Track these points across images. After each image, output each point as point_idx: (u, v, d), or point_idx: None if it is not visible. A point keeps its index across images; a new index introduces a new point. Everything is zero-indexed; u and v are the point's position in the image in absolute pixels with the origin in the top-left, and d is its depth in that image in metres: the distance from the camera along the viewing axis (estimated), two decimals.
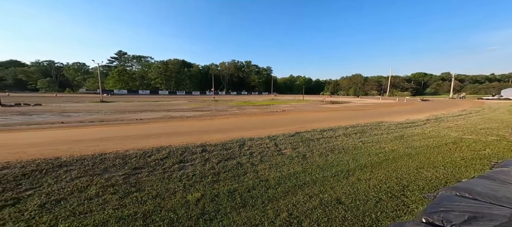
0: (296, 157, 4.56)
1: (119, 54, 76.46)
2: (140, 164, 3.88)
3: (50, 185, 2.80)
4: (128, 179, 3.22)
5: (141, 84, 72.91)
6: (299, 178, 3.50)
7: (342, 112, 16.84)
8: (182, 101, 30.79)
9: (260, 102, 30.36)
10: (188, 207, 2.58)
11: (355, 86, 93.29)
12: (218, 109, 18.62)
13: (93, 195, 2.63)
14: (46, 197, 2.48)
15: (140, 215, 2.33)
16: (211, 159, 4.34)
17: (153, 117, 12.02)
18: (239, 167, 3.92)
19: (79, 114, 12.55)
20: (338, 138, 6.47)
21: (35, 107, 16.21)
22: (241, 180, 3.38)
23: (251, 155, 4.63)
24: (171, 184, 3.19)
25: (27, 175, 3.09)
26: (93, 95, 44.89)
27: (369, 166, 4.08)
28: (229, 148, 5.10)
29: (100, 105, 20.56)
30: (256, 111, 16.82)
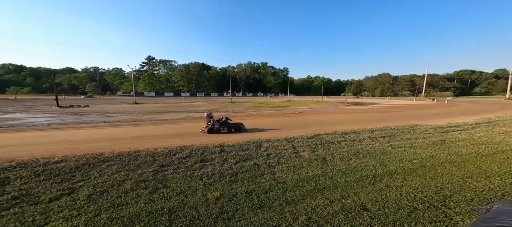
0: (315, 160, 4.44)
1: (149, 59, 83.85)
2: (167, 162, 4.20)
3: (96, 178, 3.23)
4: (156, 176, 3.51)
5: (166, 86, 78.55)
6: (318, 181, 3.40)
7: (367, 114, 15.64)
8: (201, 103, 32.34)
9: (277, 104, 30.01)
10: (208, 205, 2.70)
11: (382, 86, 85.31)
12: (235, 110, 18.98)
13: (129, 189, 2.94)
14: (93, 189, 2.87)
15: (166, 211, 2.53)
16: (229, 159, 4.45)
17: (176, 117, 12.90)
18: (256, 168, 3.96)
19: (117, 115, 14.20)
20: (363, 141, 6.08)
21: (84, 108, 18.86)
22: (258, 181, 3.41)
23: (268, 157, 4.63)
24: (192, 182, 3.38)
25: (79, 168, 3.60)
26: (128, 97, 50.17)
27: (400, 172, 3.77)
28: (246, 149, 5.18)
29: (133, 106, 22.89)
30: (273, 113, 16.71)
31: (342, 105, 26.86)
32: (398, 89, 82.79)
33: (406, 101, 37.15)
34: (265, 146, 5.48)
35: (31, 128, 8.36)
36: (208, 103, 30.41)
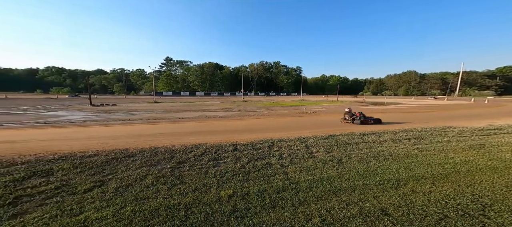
0: (330, 161, 4.31)
1: (167, 60, 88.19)
2: (183, 159, 4.38)
3: (122, 172, 3.51)
4: (174, 172, 3.68)
5: (182, 86, 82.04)
6: (333, 183, 3.30)
7: (389, 114, 14.71)
8: (215, 102, 33.13)
9: (289, 103, 29.52)
10: (221, 203, 2.76)
11: (406, 85, 78.36)
12: (247, 109, 19.10)
13: (150, 184, 3.14)
14: (120, 182, 3.12)
15: (183, 206, 2.64)
16: (242, 158, 4.50)
17: (192, 116, 13.41)
18: (269, 168, 3.95)
19: (140, 113, 15.27)
20: (384, 143, 5.74)
21: (112, 107, 20.61)
22: (271, 181, 3.39)
23: (280, 157, 4.59)
24: (207, 179, 3.48)
25: (108, 162, 3.94)
26: (149, 96, 53.55)
27: (429, 177, 3.51)
28: (258, 148, 5.18)
29: (154, 105, 24.36)
30: (285, 112, 16.47)
31: (359, 105, 25.40)
32: (426, 87, 75.32)
33: (436, 101, 34.04)
34: (277, 145, 5.43)
35: (70, 125, 9.39)
36: (222, 102, 31.09)
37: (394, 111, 16.61)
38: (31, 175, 3.18)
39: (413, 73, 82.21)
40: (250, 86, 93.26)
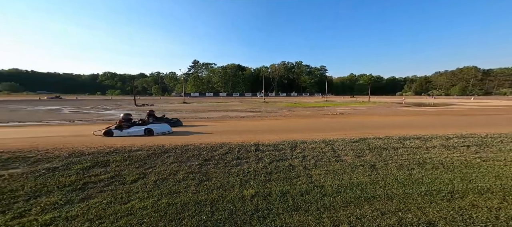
0: (361, 166, 4.02)
1: (194, 62, 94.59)
2: (209, 157, 4.63)
3: (159, 166, 3.91)
4: (201, 169, 3.92)
5: (207, 87, 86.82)
6: (365, 189, 3.07)
7: (437, 117, 12.74)
8: (236, 102, 34.03)
9: (312, 104, 28.28)
10: (244, 201, 2.82)
11: (463, 83, 65.96)
12: (268, 110, 19.02)
13: (181, 179, 3.42)
14: (157, 176, 3.49)
15: (209, 202, 2.78)
16: (264, 158, 4.51)
17: (216, 116, 14.09)
18: (291, 169, 3.87)
19: (171, 113, 16.89)
20: (432, 149, 5.08)
21: (150, 107, 23.39)
22: (293, 183, 3.32)
23: (303, 159, 4.46)
24: (230, 178, 3.59)
25: (149, 157, 4.43)
26: (179, 97, 58.51)
27: (497, 191, 3.00)
28: (280, 150, 5.11)
29: (183, 105, 26.55)
30: (308, 113, 15.83)
31: (397, 106, 22.67)
32: (493, 86, 61.87)
33: (506, 102, 28.03)
34: (300, 147, 5.28)
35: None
36: (243, 103, 31.78)
37: (444, 113, 14.13)
38: (94, 165, 3.82)
39: (473, 69, 68.82)
40: (271, 87, 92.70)
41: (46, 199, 2.59)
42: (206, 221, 2.37)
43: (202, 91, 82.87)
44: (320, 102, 34.35)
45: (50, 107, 19.85)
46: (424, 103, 28.13)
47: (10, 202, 2.47)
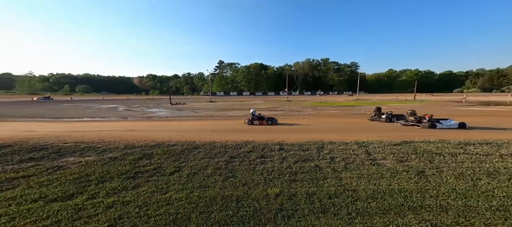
0: (404, 171, 3.62)
1: (220, 63, 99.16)
2: (234, 154, 4.79)
3: (191, 161, 4.27)
4: (227, 165, 4.09)
5: (231, 86, 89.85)
6: (409, 197, 2.76)
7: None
8: (259, 101, 34.18)
9: (341, 103, 26.18)
10: (268, 200, 2.83)
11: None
12: (291, 109, 18.55)
13: (210, 174, 3.66)
14: (190, 170, 3.82)
15: (234, 198, 2.89)
16: (288, 158, 4.43)
17: (239, 115, 14.51)
18: (318, 171, 3.74)
19: (200, 111, 18.20)
20: (508, 158, 4.24)
21: (182, 105, 25.65)
22: (320, 185, 3.20)
23: (332, 160, 4.24)
24: (255, 176, 3.64)
25: (183, 152, 4.88)
26: (206, 96, 62.50)
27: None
28: (306, 150, 4.96)
29: (210, 104, 28.30)
30: (336, 113, 14.75)
31: (455, 105, 19.18)
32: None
33: None
34: (328, 148, 5.02)
35: (159, 119, 12.46)
36: (266, 102, 31.74)
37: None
38: (142, 157, 4.44)
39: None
40: (294, 85, 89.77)
41: (109, 184, 3.13)
42: (232, 216, 2.48)
43: (227, 90, 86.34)
44: (350, 100, 31.57)
45: (110, 105, 24.02)
46: (498, 102, 22.35)
47: (86, 185, 3.10)
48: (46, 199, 2.63)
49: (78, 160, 4.16)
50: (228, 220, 2.41)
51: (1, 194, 2.72)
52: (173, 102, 29.51)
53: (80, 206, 2.52)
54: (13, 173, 3.37)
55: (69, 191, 2.86)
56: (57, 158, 4.25)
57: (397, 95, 51.53)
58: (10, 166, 3.73)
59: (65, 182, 3.12)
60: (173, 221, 2.31)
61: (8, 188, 2.89)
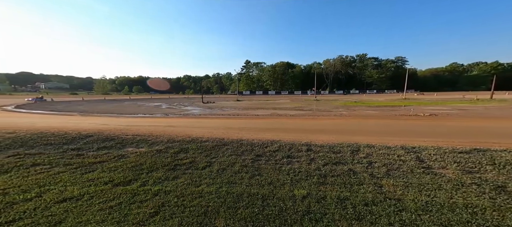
0: (474, 184, 3.01)
1: (246, 62, 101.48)
2: (260, 152, 4.82)
3: (220, 157, 4.54)
4: (253, 163, 4.15)
5: (257, 86, 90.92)
6: (481, 215, 2.29)
7: None
8: (285, 100, 33.34)
9: (381, 102, 23.01)
10: (294, 201, 2.75)
11: None
12: (320, 109, 17.45)
13: (237, 171, 3.80)
14: (219, 165, 4.06)
15: (260, 196, 2.91)
16: (317, 159, 4.22)
17: (265, 113, 14.51)
18: (352, 175, 3.45)
19: (228, 109, 19.15)
20: None
21: (212, 104, 27.62)
22: (355, 190, 2.94)
23: (369, 165, 3.83)
24: (280, 175, 3.59)
25: (213, 148, 5.21)
26: (233, 95, 65.29)
27: None
28: (338, 152, 4.63)
29: (236, 103, 29.43)
30: (375, 113, 13.03)
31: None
32: None
33: None
34: (365, 151, 4.54)
35: (193, 116, 13.74)
36: (292, 101, 30.76)
37: None
38: (180, 151, 4.98)
39: None
40: (324, 84, 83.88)
41: (155, 174, 3.62)
42: (258, 214, 2.50)
43: (253, 89, 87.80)
44: (395, 100, 27.37)
45: (156, 103, 28.06)
46: None
47: (139, 173, 3.67)
48: (113, 183, 3.22)
49: (135, 150, 5.00)
50: (253, 217, 2.44)
51: (85, 175, 3.51)
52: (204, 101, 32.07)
53: (135, 191, 2.97)
54: (93, 159, 4.33)
55: (128, 177, 3.43)
56: (121, 148, 5.22)
57: (464, 93, 41.90)
58: (91, 152, 4.82)
59: (125, 169, 3.77)
60: (204, 214, 2.49)
61: (89, 171, 3.70)
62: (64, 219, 2.32)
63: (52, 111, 15.97)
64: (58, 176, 3.42)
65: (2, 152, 4.68)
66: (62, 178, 3.34)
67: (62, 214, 2.46)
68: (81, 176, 3.45)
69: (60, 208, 2.54)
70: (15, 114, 14.28)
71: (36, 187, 3.03)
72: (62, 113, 15.35)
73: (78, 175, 3.52)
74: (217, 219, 2.40)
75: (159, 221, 2.31)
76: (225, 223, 2.35)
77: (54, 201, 2.70)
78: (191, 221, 2.32)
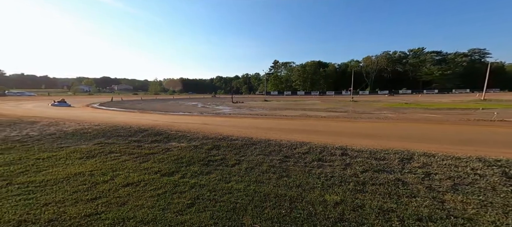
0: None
1: (275, 63, 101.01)
2: (289, 154, 4.70)
3: (249, 156, 4.66)
4: (281, 164, 4.08)
5: (286, 86, 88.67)
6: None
7: None
8: (316, 101, 31.22)
9: (446, 104, 18.83)
10: (325, 206, 2.59)
11: None
12: (358, 111, 15.60)
13: (264, 171, 3.81)
14: (248, 164, 4.18)
15: (288, 198, 2.83)
16: (354, 165, 3.86)
17: (293, 114, 13.98)
18: (400, 185, 3.02)
19: (256, 109, 19.48)
20: None
21: (241, 104, 28.71)
22: (403, 202, 2.58)
23: (427, 176, 3.29)
24: (310, 178, 3.42)
25: (242, 146, 5.39)
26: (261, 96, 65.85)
27: None
28: (381, 159, 4.12)
29: (264, 103, 29.59)
30: (435, 117, 10.74)
31: None
32: None
33: None
34: (420, 161, 3.90)
35: (224, 115, 14.65)
36: (323, 102, 28.56)
37: None
38: (213, 147, 5.39)
39: None
40: (363, 83, 74.30)
41: (192, 168, 4.02)
42: (285, 215, 2.45)
43: (281, 89, 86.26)
44: (467, 101, 21.85)
45: (193, 103, 31.38)
46: None
47: (180, 166, 4.15)
48: (161, 173, 3.75)
49: (177, 145, 5.75)
50: (280, 218, 2.40)
51: (142, 164, 4.24)
52: (233, 101, 33.73)
53: (177, 182, 3.37)
54: (147, 150, 5.24)
55: (171, 169, 3.95)
56: (166, 142, 6.11)
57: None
58: (146, 144, 5.83)
59: (169, 161, 4.37)
60: (233, 209, 2.60)
61: (145, 161, 4.47)
62: (127, 201, 2.81)
63: (122, 109, 20.25)
64: (124, 163, 4.27)
65: (91, 141, 6.20)
66: (127, 165, 4.16)
67: (126, 196, 2.84)
68: (139, 165, 4.19)
69: (125, 191, 3.09)
70: (98, 111, 18.64)
71: (111, 171, 3.84)
72: (128, 110, 19.14)
73: (137, 163, 4.29)
74: (244, 216, 2.47)
75: (194, 212, 2.55)
76: (252, 221, 2.39)
77: (121, 184, 3.29)
78: (221, 216, 2.47)
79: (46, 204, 2.69)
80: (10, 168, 3.85)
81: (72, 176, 3.58)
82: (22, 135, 6.68)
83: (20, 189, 3.07)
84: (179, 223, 2.33)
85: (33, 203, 2.71)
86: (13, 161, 4.25)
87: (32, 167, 3.92)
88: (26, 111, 15.55)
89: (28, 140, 6.06)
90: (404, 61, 72.83)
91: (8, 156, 4.59)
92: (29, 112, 15.04)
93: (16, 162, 4.19)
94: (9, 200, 2.76)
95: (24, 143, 5.74)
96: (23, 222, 2.30)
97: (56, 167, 3.99)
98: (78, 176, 3.58)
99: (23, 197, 2.85)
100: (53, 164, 4.12)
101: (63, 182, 3.33)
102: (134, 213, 2.52)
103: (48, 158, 4.49)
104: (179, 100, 40.70)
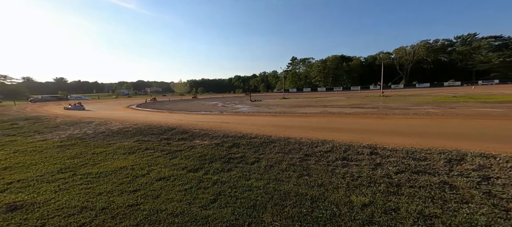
0: None
1: (292, 59, 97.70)
2: (309, 152, 4.53)
3: (268, 154, 4.65)
4: (301, 163, 3.96)
5: (305, 82, 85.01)
6: None
7: None
8: (339, 97, 29.09)
9: (508, 97, 15.72)
10: (351, 207, 2.44)
11: None
12: (389, 106, 14.00)
13: (284, 169, 3.76)
14: (267, 162, 4.18)
15: (309, 197, 2.74)
16: (385, 165, 3.53)
17: (313, 111, 13.36)
18: (447, 189, 2.68)
19: (274, 107, 19.25)
20: None
21: (259, 102, 28.84)
22: (450, 208, 2.30)
23: (485, 180, 2.85)
24: (334, 178, 3.25)
25: (261, 144, 5.40)
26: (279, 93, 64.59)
27: None
28: (420, 159, 3.68)
29: (282, 100, 29.01)
30: (494, 112, 9.18)
31: None
32: None
33: None
34: (476, 162, 3.38)
35: (243, 114, 14.94)
36: (347, 98, 26.42)
37: None
38: (233, 145, 5.55)
39: None
40: (397, 76, 66.10)
41: (214, 165, 4.22)
42: (306, 215, 2.38)
43: (299, 86, 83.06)
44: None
45: (214, 102, 32.78)
46: None
47: (203, 162, 4.42)
48: (187, 169, 4.04)
49: (201, 143, 6.13)
50: (301, 217, 2.35)
51: (171, 160, 4.65)
52: (252, 99, 34.03)
53: (201, 178, 3.59)
54: (176, 147, 5.73)
55: (196, 165, 4.22)
56: (191, 140, 6.56)
57: None
58: (175, 142, 6.37)
59: (194, 158, 4.68)
60: (253, 207, 2.64)
61: (174, 157, 4.89)
62: (159, 194, 3.06)
63: (153, 109, 22.60)
64: (157, 159, 4.76)
65: (130, 138, 7.07)
66: (160, 161, 4.64)
67: (159, 190, 3.06)
68: (169, 161, 4.62)
69: (158, 185, 3.20)
70: (135, 111, 21.13)
71: (147, 166, 4.32)
72: (159, 110, 21.18)
73: (167, 159, 4.73)
74: (264, 214, 2.49)
75: (216, 207, 2.68)
76: (272, 219, 2.39)
77: (155, 179, 3.47)
78: (241, 212, 2.54)
79: (100, 193, 3.19)
80: (74, 161, 4.72)
81: (118, 169, 4.17)
82: (82, 133, 8.08)
83: (82, 179, 3.73)
84: (203, 218, 2.48)
85: (90, 192, 3.25)
86: (76, 155, 5.19)
87: (89, 161, 4.72)
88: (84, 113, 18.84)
89: (86, 137, 7.29)
90: (449, 50, 62.71)
91: (72, 150, 5.63)
92: (85, 113, 18.15)
93: (78, 156, 5.10)
94: (74, 189, 3.38)
95: (84, 140, 6.93)
96: (84, 209, 2.77)
97: (106, 161, 4.71)
98: (123, 170, 4.13)
99: (84, 186, 3.45)
100: (104, 158, 4.88)
101: (112, 175, 3.91)
102: (165, 206, 2.79)
103: (100, 153, 5.34)
104: (202, 100, 43.25)
